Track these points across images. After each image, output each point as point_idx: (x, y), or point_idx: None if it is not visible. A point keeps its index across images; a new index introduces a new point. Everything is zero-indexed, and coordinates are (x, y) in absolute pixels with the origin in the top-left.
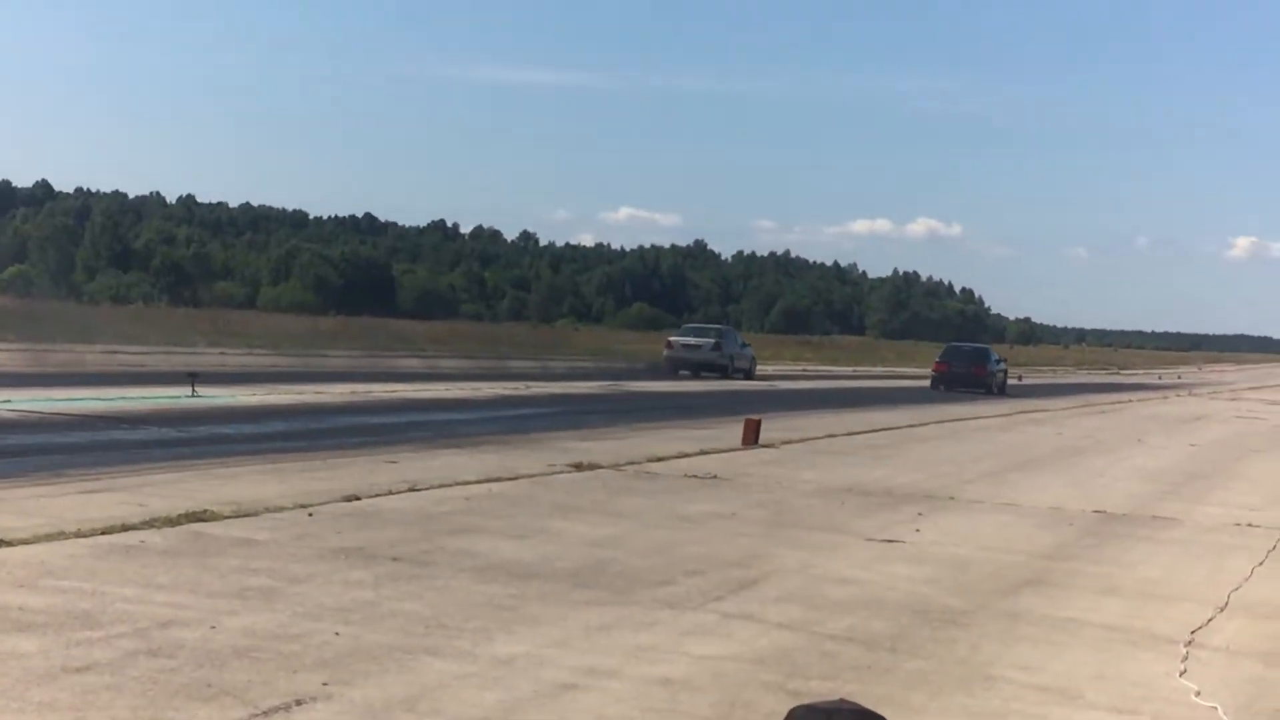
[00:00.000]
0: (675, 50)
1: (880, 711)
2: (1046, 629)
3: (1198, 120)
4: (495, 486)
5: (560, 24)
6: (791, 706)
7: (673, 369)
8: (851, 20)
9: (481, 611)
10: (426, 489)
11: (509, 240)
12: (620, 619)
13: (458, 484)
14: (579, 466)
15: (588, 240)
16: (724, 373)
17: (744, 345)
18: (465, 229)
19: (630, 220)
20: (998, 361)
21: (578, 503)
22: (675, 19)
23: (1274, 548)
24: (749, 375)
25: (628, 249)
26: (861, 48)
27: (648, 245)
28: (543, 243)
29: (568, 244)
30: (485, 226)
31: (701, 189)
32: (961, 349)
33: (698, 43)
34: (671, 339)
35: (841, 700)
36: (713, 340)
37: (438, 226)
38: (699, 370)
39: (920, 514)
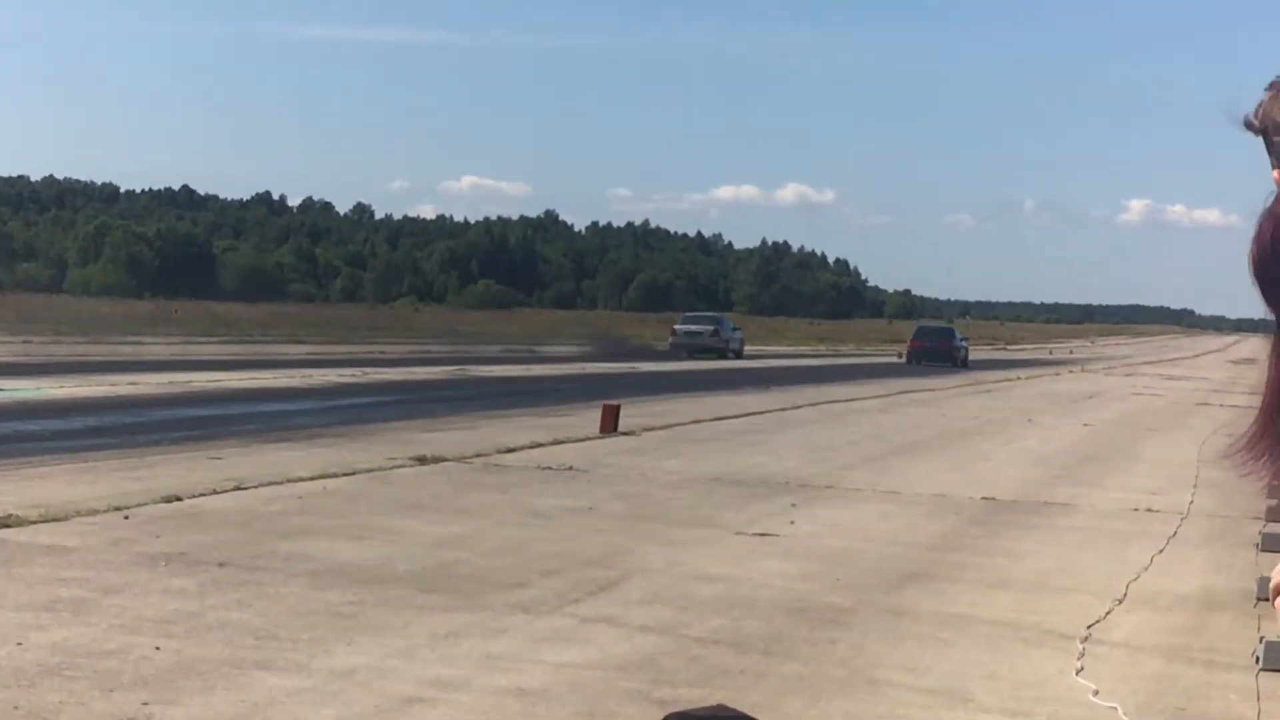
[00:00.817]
0: (521, 3)
1: None
2: (933, 626)
3: (1088, 76)
4: (331, 483)
5: None
6: (660, 717)
7: (678, 353)
8: None
9: (317, 620)
10: (255, 487)
11: (342, 213)
12: (469, 625)
13: (289, 481)
14: (422, 460)
15: (428, 212)
16: (721, 354)
17: (735, 329)
18: (293, 201)
19: (474, 190)
20: (961, 339)
21: (421, 499)
22: None
23: (1175, 534)
24: (739, 355)
25: (472, 221)
26: (725, 1)
27: (494, 217)
28: (379, 215)
29: (406, 216)
30: (315, 199)
31: (552, 155)
32: (930, 329)
33: None
34: (676, 327)
35: (719, 706)
36: (711, 327)
37: (263, 199)
38: (699, 353)
39: (795, 504)
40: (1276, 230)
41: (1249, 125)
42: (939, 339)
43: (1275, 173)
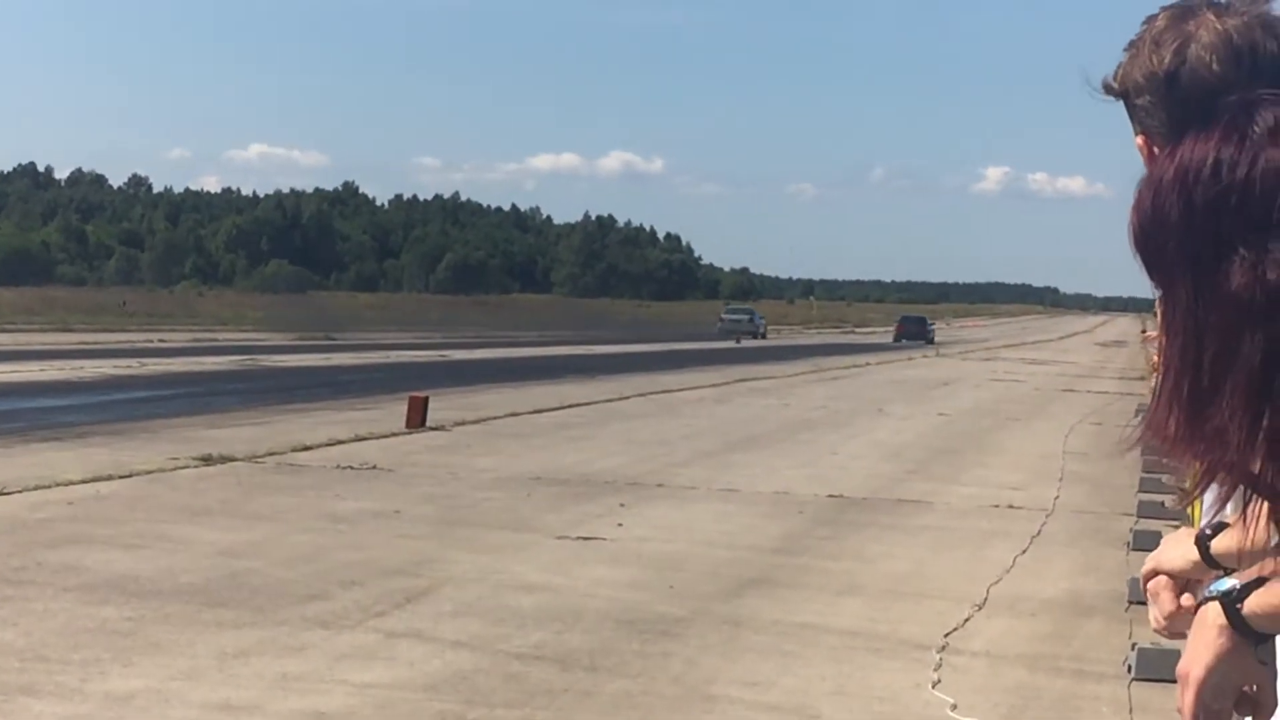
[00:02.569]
0: None
1: None
2: (776, 637)
3: (940, 31)
4: (105, 487)
5: None
6: None
7: (725, 335)
8: None
9: (91, 639)
10: (18, 492)
11: (115, 187)
12: (261, 642)
13: (58, 485)
14: (208, 459)
15: (212, 185)
16: (754, 335)
17: (760, 317)
18: (60, 174)
19: (263, 159)
20: (931, 324)
21: (207, 504)
22: None
23: (1038, 533)
24: (764, 337)
25: (261, 195)
26: None
27: (286, 190)
28: (157, 189)
29: (188, 190)
30: (86, 170)
31: (350, 121)
32: (911, 318)
33: None
34: (722, 315)
35: None
36: (747, 316)
37: (25, 172)
38: (740, 335)
39: (623, 505)
40: (1156, 197)
41: (1108, 89)
42: (919, 325)
43: (1138, 138)
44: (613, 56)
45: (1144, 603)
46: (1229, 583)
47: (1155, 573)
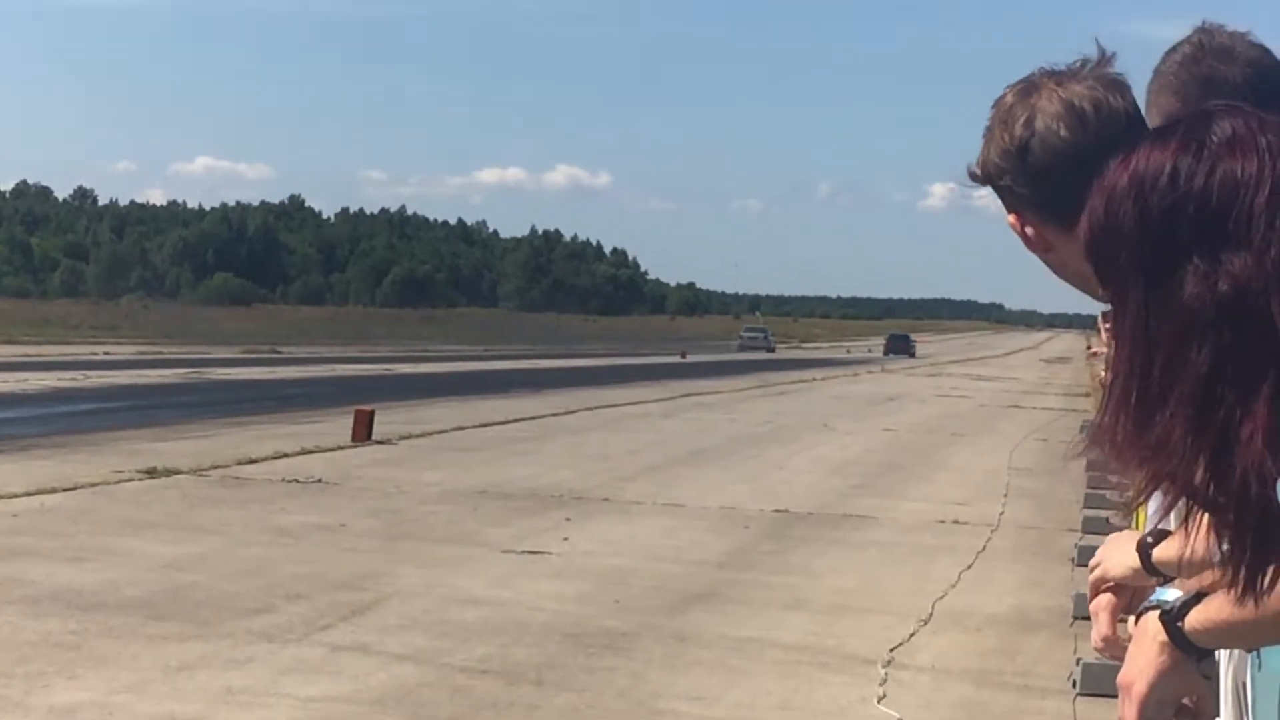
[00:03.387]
0: None
1: None
2: (722, 652)
3: (885, 44)
4: (49, 499)
5: None
6: None
7: (744, 350)
8: None
9: (34, 652)
10: None
11: (60, 199)
12: (206, 656)
13: (1, 498)
14: (153, 472)
15: (157, 197)
16: (767, 350)
17: (771, 333)
18: (4, 185)
19: (209, 173)
20: (912, 340)
21: (151, 517)
22: None
23: (983, 549)
24: (773, 351)
25: (207, 208)
26: None
27: (231, 203)
28: (102, 201)
29: (133, 202)
30: (30, 182)
31: (296, 134)
32: (897, 335)
33: None
34: (741, 333)
35: None
36: (763, 333)
37: None
38: (756, 350)
39: (569, 519)
40: (1110, 204)
41: (973, 176)
42: (904, 341)
43: (1010, 217)
44: (558, 71)
45: (1088, 618)
46: (1170, 594)
47: (1100, 581)
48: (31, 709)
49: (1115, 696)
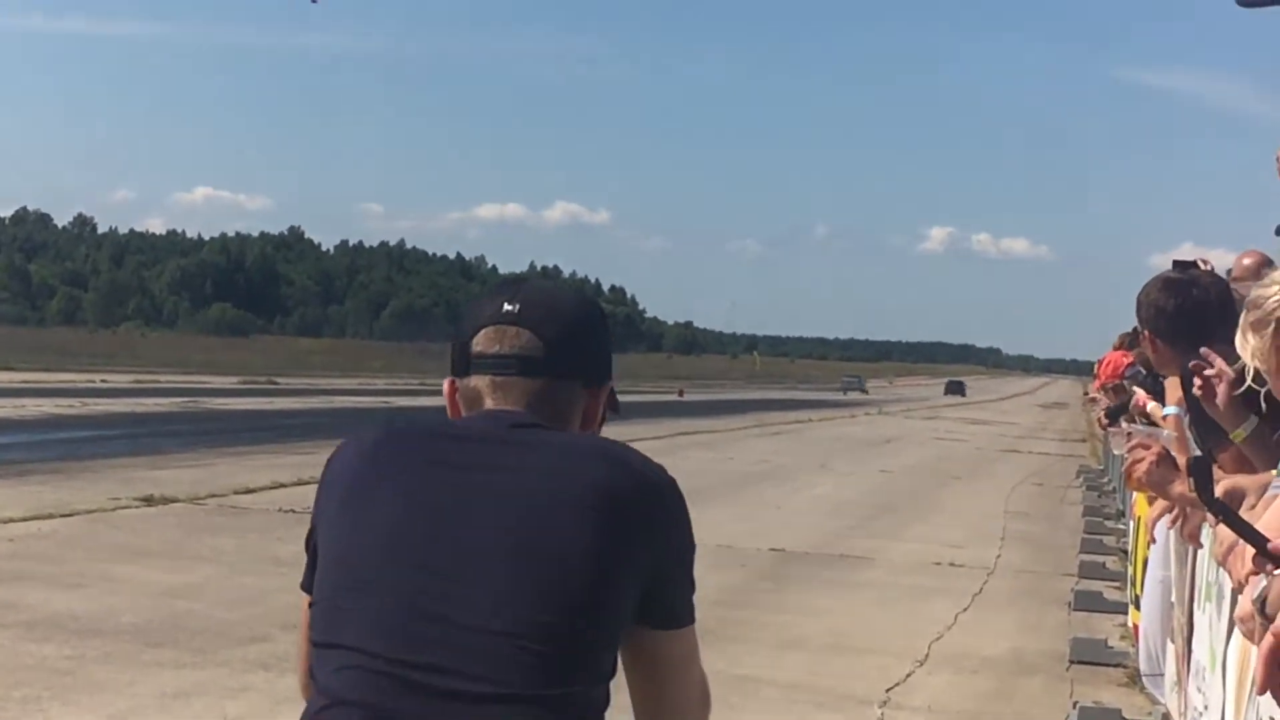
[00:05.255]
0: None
1: None
2: (719, 690)
3: (885, 91)
4: (45, 525)
5: None
6: None
7: (844, 390)
8: None
9: (32, 677)
10: None
11: (60, 226)
12: (202, 684)
13: None
14: (150, 500)
15: (157, 227)
16: (861, 391)
17: (863, 379)
18: (4, 212)
19: (209, 203)
20: (864, 380)
21: (148, 544)
22: None
23: (979, 591)
24: (866, 392)
25: (206, 237)
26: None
27: (231, 233)
28: (102, 229)
29: (133, 231)
30: (30, 209)
31: (296, 165)
32: (954, 380)
33: None
34: (844, 378)
35: None
36: (859, 379)
37: None
38: (853, 391)
39: None
40: None
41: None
42: (959, 384)
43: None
44: (559, 110)
45: (1085, 662)
46: None
47: None
48: None
49: None
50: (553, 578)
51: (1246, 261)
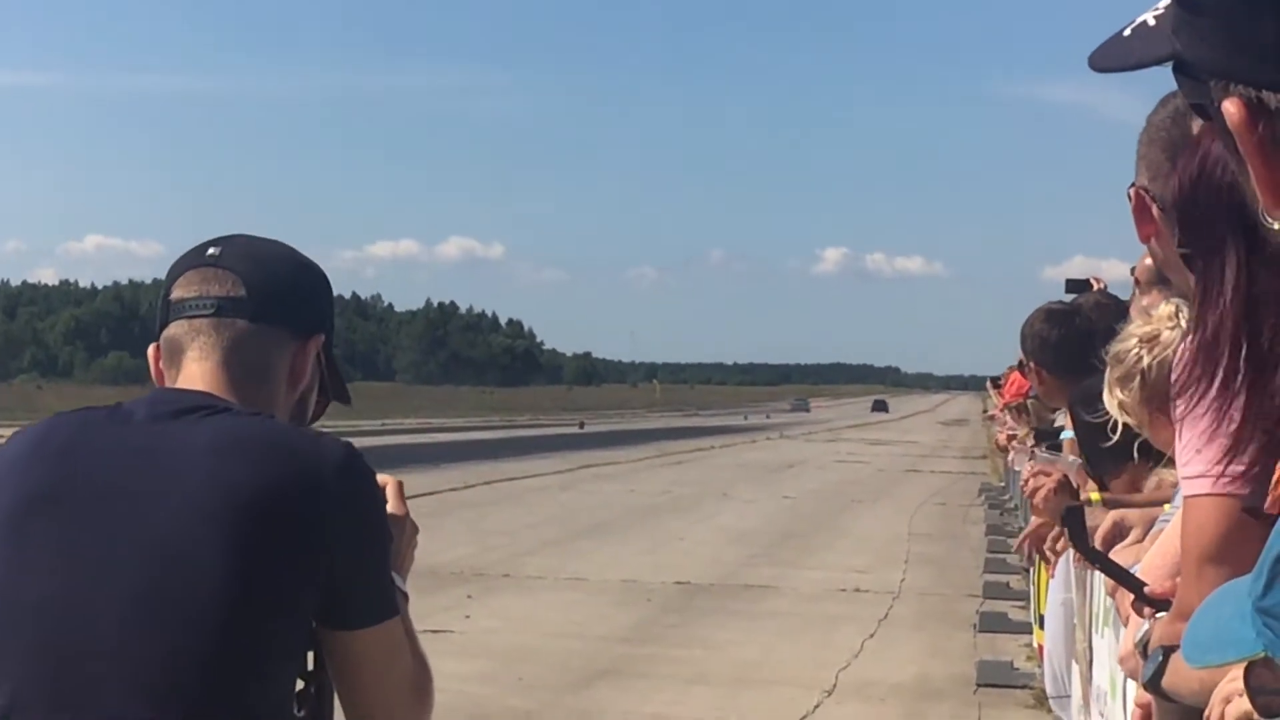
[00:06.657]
0: (139, 42)
1: None
2: None
3: (773, 114)
4: None
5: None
6: None
7: (794, 409)
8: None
9: None
10: None
11: None
12: None
13: None
14: None
15: (49, 277)
16: (805, 410)
17: (809, 401)
18: None
19: (100, 251)
20: (808, 401)
21: None
22: (133, 3)
23: (885, 616)
24: (809, 411)
25: (100, 286)
26: (377, 32)
27: (124, 281)
28: None
29: (25, 282)
30: None
31: (183, 210)
32: (880, 399)
33: (165, 33)
34: (793, 400)
35: None
36: (805, 400)
37: None
38: (800, 411)
39: (470, 596)
40: (1203, 161)
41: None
42: (883, 403)
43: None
44: (448, 143)
45: (992, 685)
46: None
47: None
48: None
49: None
50: (189, 618)
51: (1148, 262)
